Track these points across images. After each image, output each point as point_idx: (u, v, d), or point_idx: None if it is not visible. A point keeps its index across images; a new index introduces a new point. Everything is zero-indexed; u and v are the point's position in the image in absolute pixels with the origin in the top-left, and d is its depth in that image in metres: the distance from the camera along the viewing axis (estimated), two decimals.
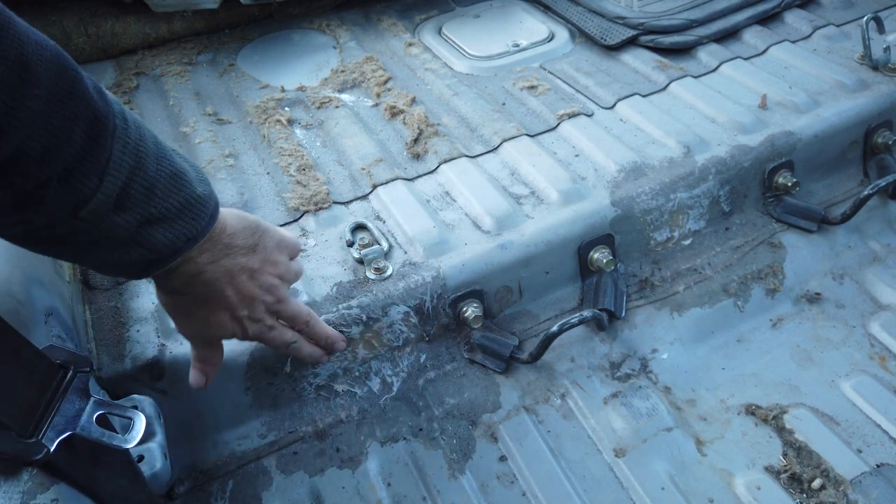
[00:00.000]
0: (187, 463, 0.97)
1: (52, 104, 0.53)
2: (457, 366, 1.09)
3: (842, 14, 1.63)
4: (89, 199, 0.58)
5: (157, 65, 1.64)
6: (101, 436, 0.66)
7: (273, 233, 0.82)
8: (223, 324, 0.80)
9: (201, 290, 0.74)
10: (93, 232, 0.60)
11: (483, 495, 0.96)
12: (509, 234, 1.12)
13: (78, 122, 0.55)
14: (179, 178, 0.66)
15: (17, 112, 0.51)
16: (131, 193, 0.61)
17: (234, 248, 0.74)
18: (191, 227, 0.67)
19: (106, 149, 0.58)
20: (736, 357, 1.13)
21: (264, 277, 0.80)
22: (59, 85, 0.54)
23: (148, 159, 0.62)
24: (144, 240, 0.64)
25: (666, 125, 1.31)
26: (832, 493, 0.93)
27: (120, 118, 0.60)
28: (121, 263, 0.65)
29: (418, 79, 1.54)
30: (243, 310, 0.80)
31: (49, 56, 0.53)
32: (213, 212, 0.70)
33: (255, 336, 0.85)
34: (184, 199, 0.66)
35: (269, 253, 0.80)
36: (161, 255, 0.67)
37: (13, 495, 0.59)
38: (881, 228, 1.30)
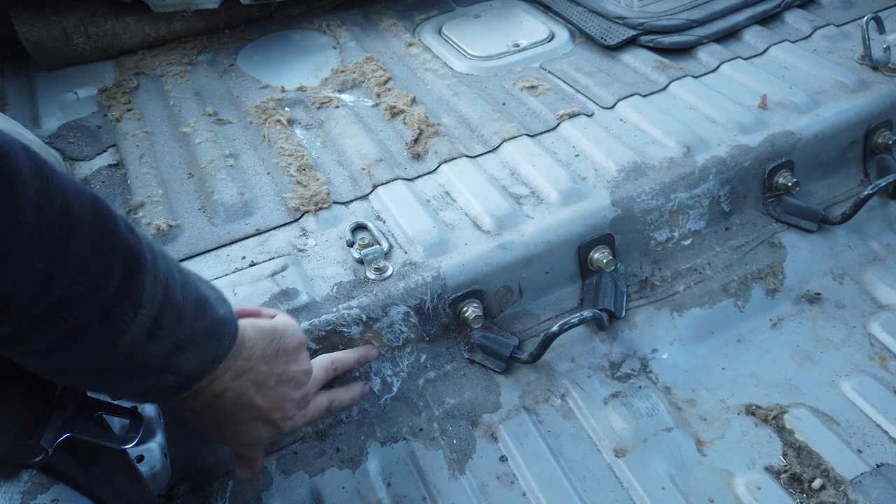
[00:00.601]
0: (187, 463, 0.97)
1: (94, 246, 0.56)
2: (457, 366, 1.09)
3: (842, 14, 1.63)
4: (126, 332, 0.60)
5: (157, 65, 1.64)
6: (98, 437, 0.66)
7: (291, 333, 0.83)
8: (256, 430, 0.82)
9: (228, 405, 0.76)
10: (128, 363, 0.62)
11: (483, 495, 0.96)
12: (509, 234, 1.12)
13: (116, 259, 0.58)
14: (203, 302, 0.68)
15: (65, 258, 0.54)
16: (163, 323, 0.63)
17: (254, 360, 0.76)
18: (216, 349, 0.70)
19: (140, 282, 0.60)
20: (736, 357, 1.13)
21: (291, 377, 0.83)
22: (98, 227, 0.57)
23: (175, 288, 0.65)
24: (174, 366, 0.66)
25: (666, 125, 1.31)
26: (832, 493, 0.93)
27: (149, 251, 0.62)
28: (152, 390, 0.67)
29: (418, 79, 1.54)
30: (275, 413, 0.82)
31: (87, 201, 0.56)
32: (234, 331, 0.73)
33: (292, 429, 0.87)
34: (209, 323, 0.69)
35: (290, 354, 0.82)
36: (190, 379, 0.69)
37: (13, 495, 0.59)
38: (881, 228, 1.30)
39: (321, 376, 0.92)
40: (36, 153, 0.54)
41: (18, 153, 0.51)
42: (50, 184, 0.53)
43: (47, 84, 1.59)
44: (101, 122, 1.45)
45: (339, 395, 0.96)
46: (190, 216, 1.20)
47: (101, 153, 1.37)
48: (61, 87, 1.58)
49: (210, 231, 1.16)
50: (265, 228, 1.16)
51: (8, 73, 1.65)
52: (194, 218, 1.19)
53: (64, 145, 1.38)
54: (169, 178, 1.29)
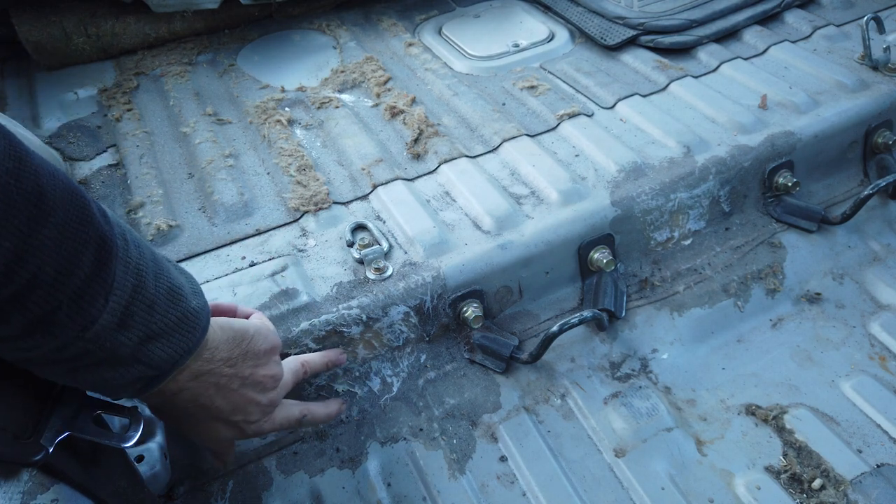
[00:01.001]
0: (187, 463, 0.97)
1: (65, 231, 0.56)
2: (457, 366, 1.09)
3: (842, 14, 1.63)
4: (96, 319, 0.59)
5: (157, 65, 1.64)
6: (98, 436, 0.66)
7: (263, 336, 0.81)
8: (217, 431, 0.81)
9: (185, 405, 0.75)
10: (98, 352, 0.62)
11: (483, 495, 0.96)
12: (509, 234, 1.12)
13: (88, 246, 0.57)
14: (176, 292, 0.68)
15: (34, 240, 0.53)
16: (133, 311, 0.62)
17: (216, 362, 0.74)
18: (186, 341, 0.69)
19: (111, 270, 0.60)
20: (736, 357, 1.13)
21: (258, 382, 0.80)
22: (70, 212, 0.56)
23: (148, 277, 0.64)
24: (144, 356, 0.65)
25: (666, 125, 1.31)
26: (832, 493, 0.93)
27: (121, 239, 0.62)
28: (120, 382, 0.66)
29: (418, 79, 1.54)
30: (237, 415, 0.80)
31: (61, 185, 0.56)
32: (205, 324, 0.71)
33: (256, 433, 0.85)
34: (181, 314, 0.68)
35: (258, 357, 0.80)
36: (160, 371, 0.68)
37: (13, 495, 0.59)
38: (881, 228, 1.30)
39: (290, 380, 0.90)
40: (11, 134, 0.53)
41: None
42: (23, 164, 0.52)
43: (47, 84, 1.59)
44: (101, 122, 1.45)
45: (313, 408, 0.93)
46: (190, 216, 1.20)
47: (101, 153, 1.37)
48: (61, 87, 1.58)
49: (210, 231, 1.16)
50: (265, 228, 1.16)
51: (8, 73, 1.65)
52: (194, 218, 1.19)
53: (64, 145, 1.38)
54: (169, 178, 1.29)
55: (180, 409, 0.75)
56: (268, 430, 0.86)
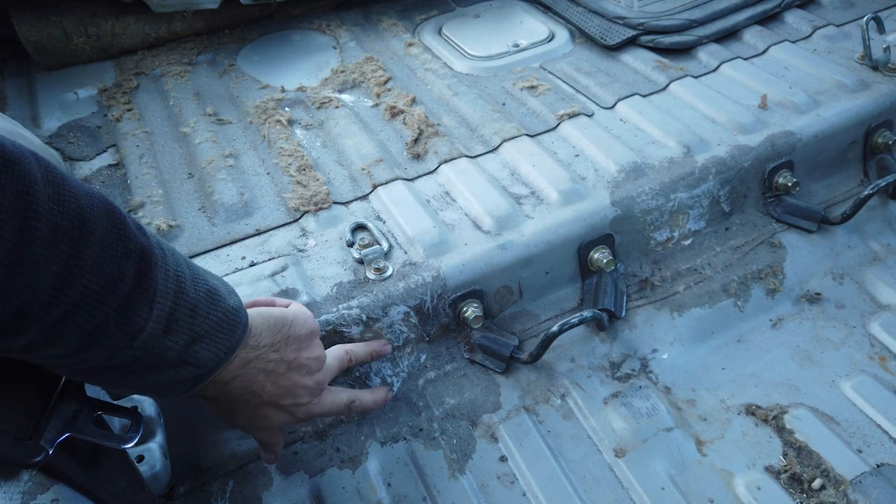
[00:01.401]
0: (187, 463, 0.97)
1: (106, 247, 0.58)
2: (457, 366, 1.09)
3: (842, 14, 1.63)
4: (143, 327, 0.62)
5: (157, 65, 1.64)
6: (98, 437, 0.66)
7: (303, 320, 0.84)
8: (270, 416, 0.84)
9: (239, 392, 0.78)
10: (147, 359, 0.64)
11: (483, 495, 0.96)
12: (509, 234, 1.12)
13: (129, 259, 0.60)
14: (214, 294, 0.71)
15: (79, 260, 0.55)
16: (177, 317, 0.65)
17: (262, 348, 0.77)
18: (229, 339, 0.72)
19: (153, 279, 0.62)
20: (736, 357, 1.13)
21: (303, 364, 0.83)
22: (109, 229, 0.58)
23: (187, 282, 0.67)
24: (191, 358, 0.68)
25: (666, 125, 1.31)
26: (832, 493, 0.93)
27: (157, 248, 0.64)
28: (171, 383, 0.69)
29: (418, 79, 1.54)
30: (287, 399, 0.83)
31: (98, 204, 0.58)
32: (245, 320, 0.75)
33: (307, 415, 0.88)
34: (221, 314, 0.71)
35: (301, 341, 0.83)
36: (207, 369, 0.71)
37: (14, 495, 0.59)
38: (881, 228, 1.30)
39: (335, 366, 0.93)
40: (44, 158, 0.55)
41: (29, 160, 0.52)
42: (62, 189, 0.54)
43: (47, 84, 1.59)
44: (101, 122, 1.45)
45: (361, 395, 0.95)
46: (190, 216, 1.20)
47: (101, 153, 1.37)
48: (61, 87, 1.58)
49: (210, 231, 1.16)
50: (265, 228, 1.16)
51: (8, 73, 1.65)
52: (194, 218, 1.19)
53: (64, 145, 1.38)
54: (169, 178, 1.29)
55: (234, 397, 0.78)
56: (317, 413, 0.88)
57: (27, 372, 0.64)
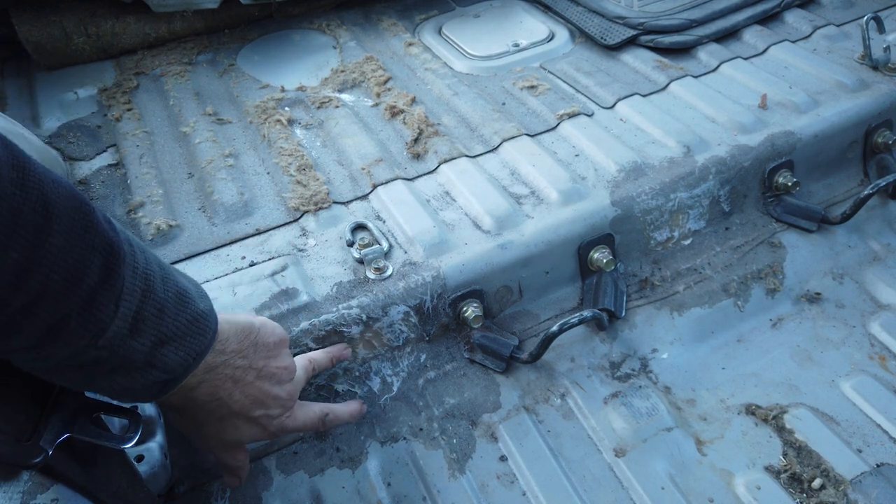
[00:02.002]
0: (187, 463, 0.97)
1: (71, 238, 0.55)
2: (457, 366, 1.09)
3: (842, 14, 1.63)
4: (108, 325, 0.59)
5: (157, 65, 1.64)
6: (97, 437, 0.66)
7: (270, 329, 0.82)
8: (239, 428, 0.80)
9: (205, 400, 0.75)
10: (112, 359, 0.62)
11: (483, 495, 0.96)
12: (509, 234, 1.12)
13: (95, 252, 0.57)
14: (184, 296, 0.68)
15: (42, 249, 0.53)
16: (144, 317, 0.63)
17: (228, 353, 0.75)
18: (198, 343, 0.69)
19: (120, 276, 0.60)
20: (736, 357, 1.13)
21: (272, 374, 0.81)
22: (75, 220, 0.56)
23: (156, 281, 0.64)
24: (158, 361, 0.65)
25: (666, 125, 1.31)
26: (832, 493, 0.93)
27: (126, 244, 0.62)
28: (136, 388, 0.66)
29: (418, 79, 1.54)
30: (258, 410, 0.80)
31: (64, 193, 0.56)
32: (215, 326, 0.72)
33: (279, 429, 0.84)
34: (190, 317, 0.68)
35: (269, 349, 0.80)
36: (174, 375, 0.68)
37: (13, 495, 0.59)
38: (881, 228, 1.30)
39: (303, 377, 0.90)
40: (12, 143, 0.53)
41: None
42: (26, 174, 0.52)
43: (47, 84, 1.59)
44: (101, 122, 1.45)
45: (336, 408, 0.93)
46: (190, 216, 1.20)
47: (101, 153, 1.37)
48: (61, 87, 1.58)
49: (210, 231, 1.16)
50: (265, 228, 1.16)
51: (8, 73, 1.65)
52: (194, 218, 1.19)
53: (64, 145, 1.38)
54: (169, 178, 1.29)
55: (199, 405, 0.75)
56: (290, 427, 0.85)
57: (27, 373, 0.64)
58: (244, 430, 0.81)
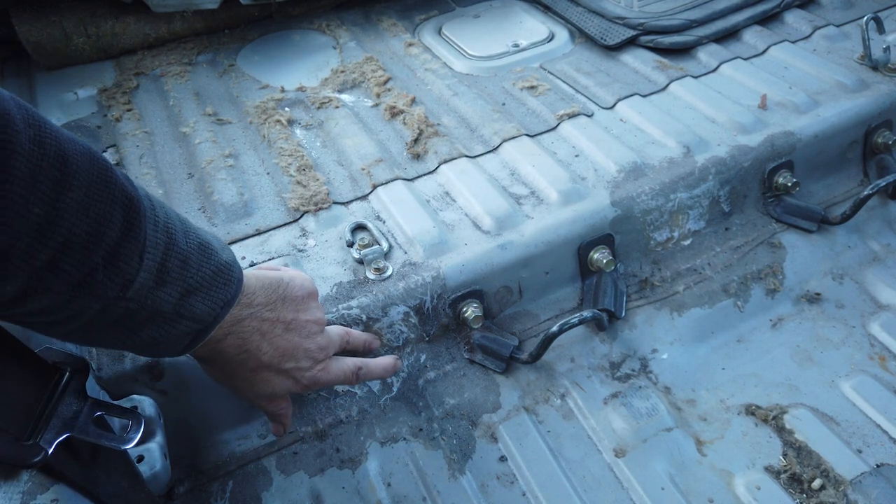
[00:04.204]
0: (187, 463, 0.97)
1: (91, 192, 0.57)
2: (457, 366, 1.09)
3: (842, 14, 1.63)
4: (134, 277, 0.61)
5: (157, 65, 1.64)
6: (98, 437, 0.66)
7: (299, 282, 0.83)
8: (270, 381, 0.81)
9: (233, 352, 0.76)
10: (141, 311, 0.63)
11: (483, 495, 0.96)
12: (509, 235, 1.12)
13: (115, 206, 0.59)
14: (206, 247, 0.70)
15: (62, 203, 0.55)
16: (169, 268, 0.64)
17: (255, 307, 0.76)
18: (224, 292, 0.71)
19: (142, 229, 0.61)
20: (736, 357, 1.13)
21: (301, 326, 0.81)
22: (94, 174, 0.58)
23: (178, 234, 0.66)
24: (187, 311, 0.67)
25: (666, 125, 1.31)
26: (832, 493, 0.93)
27: (146, 200, 0.63)
28: (169, 339, 0.68)
29: (418, 79, 1.54)
30: (288, 362, 0.81)
31: (81, 149, 0.57)
32: (239, 275, 0.74)
33: (312, 382, 0.85)
34: (214, 268, 0.70)
35: (298, 302, 0.81)
36: (204, 324, 0.70)
37: (13, 495, 0.59)
38: (881, 228, 1.30)
39: (337, 341, 0.90)
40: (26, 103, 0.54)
41: (8, 101, 0.52)
42: (43, 131, 0.54)
43: (47, 84, 1.59)
44: (101, 122, 1.45)
45: (369, 363, 0.93)
46: (190, 216, 1.20)
47: (101, 153, 1.37)
48: (61, 87, 1.58)
49: (210, 231, 1.16)
50: (265, 228, 1.16)
51: (8, 73, 1.65)
52: (194, 218, 1.19)
53: None
54: (169, 178, 1.29)
55: (228, 358, 0.76)
56: (323, 381, 0.86)
57: (28, 371, 0.64)
58: (275, 382, 0.81)
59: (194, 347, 0.71)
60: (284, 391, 0.84)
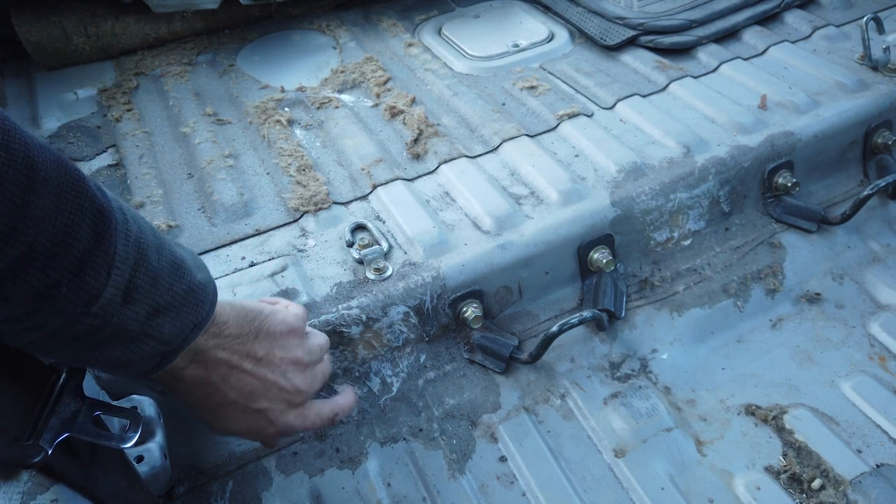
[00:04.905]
0: (187, 463, 0.97)
1: (59, 201, 0.55)
2: (457, 366, 1.09)
3: (842, 14, 1.63)
4: (100, 293, 0.58)
5: (157, 65, 1.64)
6: (97, 437, 0.66)
7: (281, 318, 0.78)
8: (237, 419, 0.76)
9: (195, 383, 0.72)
10: (106, 328, 0.61)
11: (483, 495, 0.96)
12: (509, 235, 1.12)
13: (84, 217, 0.57)
14: (180, 266, 0.66)
15: (28, 210, 0.53)
16: (138, 285, 0.61)
17: (224, 337, 0.72)
18: (195, 314, 0.67)
19: (111, 243, 0.59)
20: (736, 357, 1.13)
21: (275, 364, 0.76)
22: (63, 183, 0.56)
23: (149, 250, 0.63)
24: (154, 331, 0.64)
25: (666, 125, 1.31)
26: (832, 494, 0.93)
27: (119, 212, 0.61)
28: (134, 359, 0.65)
29: (418, 79, 1.54)
30: (259, 402, 0.76)
31: (52, 157, 0.55)
32: (213, 297, 0.70)
33: (286, 427, 0.79)
34: (186, 287, 0.66)
35: (276, 338, 0.77)
36: (171, 346, 0.66)
37: (13, 496, 0.59)
38: (881, 228, 1.30)
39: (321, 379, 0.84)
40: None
41: None
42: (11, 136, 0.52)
43: (47, 84, 1.59)
44: (101, 123, 1.45)
45: (339, 401, 0.88)
46: (190, 216, 1.20)
47: (101, 153, 1.37)
48: (61, 87, 1.58)
49: (210, 231, 1.16)
50: (265, 229, 1.16)
51: (8, 73, 1.65)
52: (194, 218, 1.19)
53: (64, 145, 1.38)
54: (169, 179, 1.29)
55: (190, 389, 0.72)
56: (299, 426, 0.81)
57: (26, 372, 0.64)
58: (243, 422, 0.77)
59: (162, 369, 0.68)
60: (252, 432, 0.78)
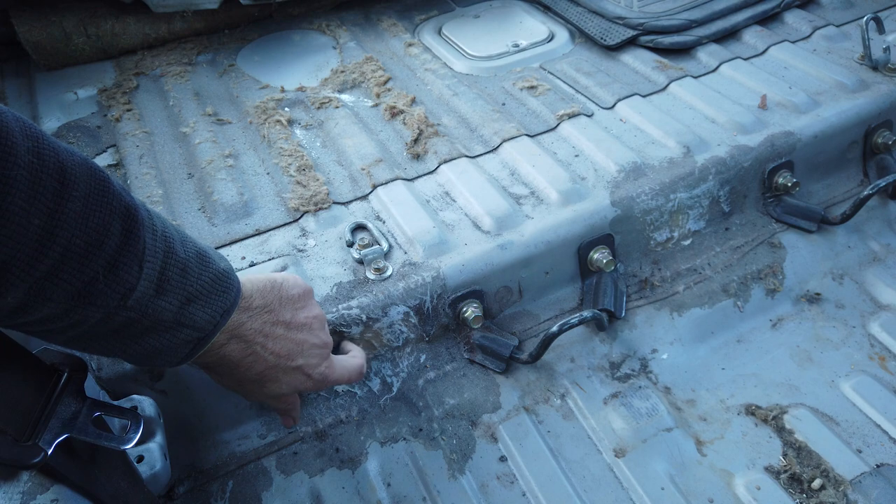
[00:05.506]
0: (187, 463, 0.97)
1: (89, 203, 0.58)
2: (457, 366, 1.09)
3: (842, 14, 1.63)
4: (134, 286, 0.62)
5: (157, 65, 1.64)
6: (97, 437, 0.66)
7: (293, 282, 0.83)
8: (280, 380, 0.82)
9: (238, 356, 0.76)
10: (143, 320, 0.64)
11: (483, 495, 0.96)
12: (509, 235, 1.12)
13: (114, 216, 0.60)
14: (204, 256, 0.70)
15: (63, 214, 0.55)
16: (169, 276, 0.65)
17: (254, 310, 0.77)
18: (223, 300, 0.71)
19: (140, 238, 0.62)
20: (736, 357, 1.13)
21: (303, 324, 0.82)
22: (92, 185, 0.58)
23: (175, 243, 0.67)
24: (187, 319, 0.68)
25: (666, 125, 1.31)
26: (832, 494, 0.93)
27: (143, 210, 0.64)
28: (169, 347, 0.68)
29: (418, 79, 1.54)
30: (297, 359, 0.82)
31: (79, 161, 0.58)
32: (237, 283, 0.74)
33: (322, 378, 0.86)
34: (213, 276, 0.70)
35: (295, 301, 0.82)
36: (204, 332, 0.70)
37: (13, 496, 0.59)
38: (881, 228, 1.30)
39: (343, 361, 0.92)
40: (23, 116, 0.55)
41: (6, 113, 0.53)
42: (40, 143, 0.54)
43: (47, 84, 1.59)
44: (101, 123, 1.45)
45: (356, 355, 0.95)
46: (190, 216, 1.20)
47: (101, 153, 1.37)
48: (61, 87, 1.58)
49: (210, 231, 1.16)
50: (265, 229, 1.16)
51: (8, 73, 1.65)
52: (194, 218, 1.19)
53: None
54: (169, 179, 1.29)
55: (235, 362, 0.77)
56: (333, 378, 0.87)
57: (26, 372, 0.64)
58: (285, 381, 0.82)
59: (194, 356, 0.72)
60: (295, 389, 0.84)
